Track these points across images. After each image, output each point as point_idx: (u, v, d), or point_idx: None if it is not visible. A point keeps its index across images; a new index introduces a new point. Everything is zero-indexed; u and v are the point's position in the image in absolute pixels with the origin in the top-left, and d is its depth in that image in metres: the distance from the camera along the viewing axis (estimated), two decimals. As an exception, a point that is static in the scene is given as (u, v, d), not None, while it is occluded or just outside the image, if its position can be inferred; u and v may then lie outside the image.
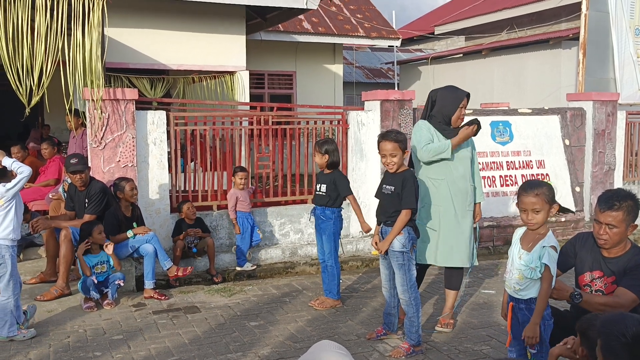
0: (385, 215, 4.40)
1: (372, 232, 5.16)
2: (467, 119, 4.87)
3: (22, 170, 4.62)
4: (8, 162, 4.68)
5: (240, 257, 6.69)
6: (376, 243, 4.45)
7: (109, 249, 5.53)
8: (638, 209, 3.29)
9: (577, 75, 9.58)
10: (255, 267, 6.76)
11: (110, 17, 6.44)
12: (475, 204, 4.96)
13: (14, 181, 4.62)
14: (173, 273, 5.92)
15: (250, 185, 7.00)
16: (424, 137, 4.76)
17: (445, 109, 4.78)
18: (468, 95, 4.84)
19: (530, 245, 3.27)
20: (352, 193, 5.49)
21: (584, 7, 9.35)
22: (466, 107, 4.86)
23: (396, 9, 20.03)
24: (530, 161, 8.16)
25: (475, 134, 4.76)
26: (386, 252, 4.35)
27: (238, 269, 6.68)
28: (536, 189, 3.25)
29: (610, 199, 3.25)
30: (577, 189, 8.41)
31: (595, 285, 3.38)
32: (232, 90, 10.66)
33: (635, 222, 3.29)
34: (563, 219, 8.09)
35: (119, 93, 6.26)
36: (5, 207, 4.59)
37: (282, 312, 5.33)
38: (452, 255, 4.83)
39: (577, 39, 9.91)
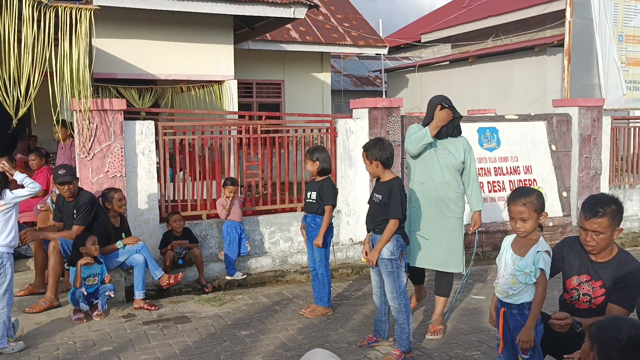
0: (374, 223, 4.42)
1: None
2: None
3: (34, 187, 4.86)
4: (20, 177, 4.86)
5: (229, 266, 6.68)
6: (366, 253, 4.47)
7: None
8: (622, 213, 3.33)
9: (562, 82, 9.69)
10: (245, 276, 6.75)
11: (98, 28, 6.45)
12: (473, 212, 5.04)
13: (23, 191, 4.79)
14: (165, 282, 5.90)
15: (239, 194, 6.99)
16: (411, 132, 4.96)
17: (428, 116, 5.01)
18: (445, 100, 4.97)
19: (523, 250, 3.30)
20: (334, 205, 5.44)
21: (568, 14, 9.47)
22: (452, 115, 4.95)
23: (383, 18, 20.21)
24: (518, 167, 8.23)
25: (451, 119, 4.88)
26: (376, 262, 4.37)
27: (228, 278, 6.67)
28: (524, 197, 3.27)
29: (595, 205, 3.27)
30: (564, 193, 8.48)
31: (583, 289, 3.42)
32: (220, 99, 10.66)
33: (620, 226, 3.32)
34: (550, 224, 8.15)
35: (107, 103, 6.25)
36: (6, 213, 4.64)
37: (273, 320, 5.33)
38: (439, 260, 4.91)
39: (562, 45, 10.02)
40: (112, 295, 5.56)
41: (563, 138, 8.55)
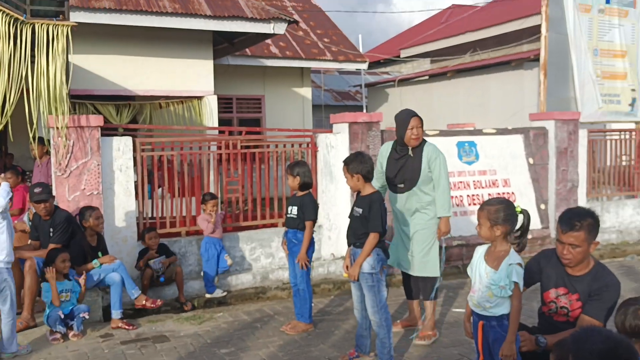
0: (355, 237, 4.41)
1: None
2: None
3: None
4: None
5: (208, 283, 6.60)
6: (347, 267, 4.46)
7: (81, 281, 5.45)
8: (598, 226, 3.36)
9: (539, 95, 9.81)
10: (225, 293, 6.68)
11: (75, 44, 6.41)
12: (438, 218, 5.12)
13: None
14: (141, 302, 5.81)
15: (220, 211, 6.94)
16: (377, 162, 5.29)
17: (398, 131, 5.10)
18: (415, 115, 5.05)
19: (495, 263, 3.31)
20: (315, 220, 5.43)
21: (543, 29, 9.61)
22: (418, 126, 5.04)
23: (362, 33, 20.35)
24: (496, 180, 8.29)
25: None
26: (357, 276, 4.35)
27: (207, 296, 6.60)
28: (484, 205, 3.36)
29: (572, 219, 3.30)
30: (542, 206, 8.56)
31: (560, 302, 3.44)
32: (200, 115, 10.63)
33: (597, 239, 3.35)
34: (530, 236, 8.20)
35: (84, 120, 6.19)
36: None
37: (254, 338, 5.27)
38: (415, 265, 5.10)
39: (538, 60, 10.16)
40: (87, 317, 5.46)
41: (540, 151, 8.65)
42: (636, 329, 2.73)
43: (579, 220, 3.27)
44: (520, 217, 3.36)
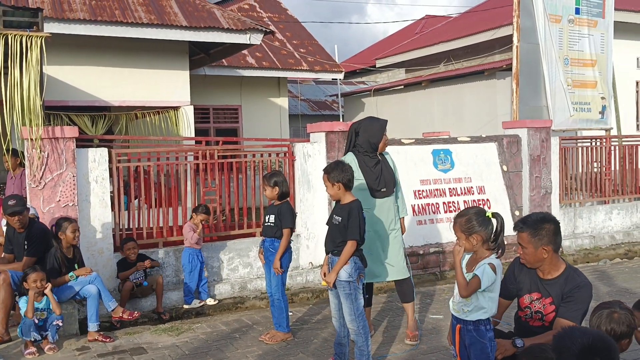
0: (333, 245, 4.44)
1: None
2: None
3: None
4: None
5: (188, 294, 6.58)
6: (324, 274, 4.48)
7: (47, 289, 5.33)
8: (552, 233, 3.43)
9: (511, 104, 9.97)
10: (203, 303, 6.65)
11: (49, 55, 6.36)
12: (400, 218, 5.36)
13: None
14: (118, 314, 5.75)
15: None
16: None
17: (372, 138, 5.19)
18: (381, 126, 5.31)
19: (472, 267, 3.39)
20: (292, 228, 5.43)
21: (515, 39, 9.80)
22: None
23: (338, 43, 20.49)
24: (471, 187, 8.40)
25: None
26: (333, 283, 4.38)
27: (186, 307, 6.57)
28: (456, 219, 3.44)
29: (519, 221, 3.54)
30: (517, 212, 8.69)
31: (535, 306, 3.51)
32: (176, 125, 10.60)
33: (552, 247, 3.42)
34: (505, 242, 8.31)
35: (58, 131, 6.13)
36: None
37: (232, 348, 5.26)
38: (399, 269, 5.21)
39: (511, 69, 10.34)
40: (61, 325, 5.38)
41: (514, 158, 8.79)
42: (612, 333, 2.80)
43: (524, 223, 3.49)
44: (494, 221, 3.42)
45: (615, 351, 2.19)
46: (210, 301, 6.68)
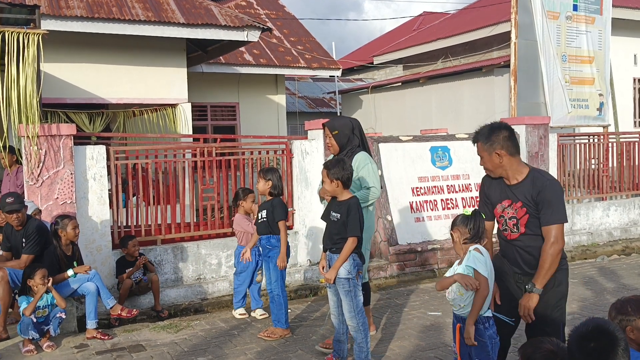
0: (331, 242, 4.44)
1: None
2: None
3: None
4: None
5: (238, 299, 6.12)
6: (323, 267, 4.49)
7: (50, 284, 5.30)
8: (505, 138, 3.57)
9: (509, 101, 9.97)
10: (246, 316, 6.09)
11: (46, 52, 6.34)
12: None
13: None
14: (117, 312, 5.75)
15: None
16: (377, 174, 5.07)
17: (359, 138, 5.13)
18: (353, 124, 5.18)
19: (460, 260, 3.44)
20: (285, 220, 5.45)
21: (513, 36, 9.79)
22: None
23: (335, 40, 20.48)
24: (469, 184, 8.41)
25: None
26: (334, 280, 4.38)
27: (238, 316, 6.07)
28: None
29: (474, 133, 3.74)
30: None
31: (508, 213, 3.60)
32: (174, 122, 10.59)
33: (505, 151, 3.56)
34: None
35: (55, 129, 6.12)
36: None
37: (231, 345, 5.26)
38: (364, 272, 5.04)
39: (508, 66, 10.34)
40: (64, 317, 5.36)
41: (512, 155, 8.78)
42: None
43: (477, 133, 3.69)
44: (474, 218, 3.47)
45: (616, 338, 2.21)
46: (259, 313, 6.06)
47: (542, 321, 3.50)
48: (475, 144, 3.68)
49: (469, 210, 3.45)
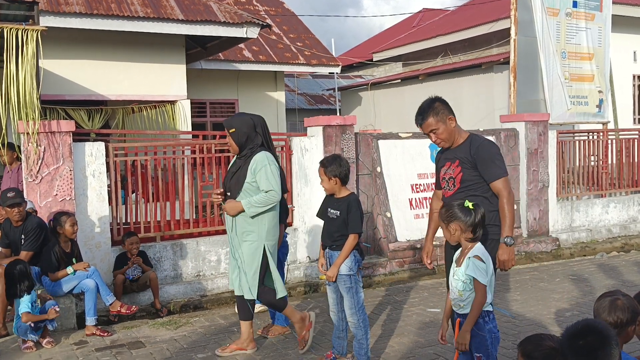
0: (331, 239, 4.44)
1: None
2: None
3: None
4: None
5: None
6: (322, 265, 4.49)
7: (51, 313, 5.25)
8: (445, 105, 3.91)
9: (509, 98, 9.96)
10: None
11: (45, 49, 6.33)
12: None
13: None
14: (116, 308, 5.75)
15: None
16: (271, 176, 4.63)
17: (262, 135, 4.75)
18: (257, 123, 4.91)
19: (461, 261, 3.40)
20: (285, 224, 5.44)
21: (513, 32, 9.78)
22: None
23: (334, 37, 20.48)
24: (469, 181, 8.39)
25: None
26: (335, 278, 4.38)
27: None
28: (441, 207, 3.63)
29: (417, 117, 3.95)
30: (514, 206, 8.70)
31: (448, 174, 3.90)
32: (173, 119, 10.57)
33: (452, 115, 3.86)
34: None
35: (55, 125, 6.11)
36: None
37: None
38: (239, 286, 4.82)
39: (508, 63, 10.33)
40: (58, 309, 5.34)
41: (511, 152, 8.79)
42: (618, 321, 2.80)
43: (422, 114, 3.91)
44: (474, 212, 3.44)
45: (607, 337, 2.23)
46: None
47: None
48: (424, 123, 3.88)
49: (469, 203, 3.42)
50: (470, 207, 3.39)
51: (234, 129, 4.67)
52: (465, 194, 3.71)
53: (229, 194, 4.74)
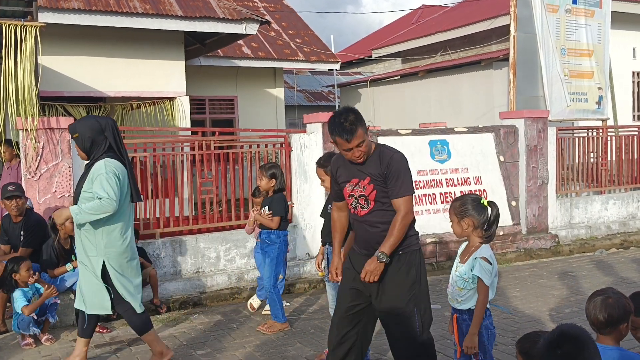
0: (330, 236, 4.43)
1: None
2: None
3: None
4: None
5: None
6: (318, 265, 4.49)
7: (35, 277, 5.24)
8: (361, 116, 3.49)
9: (508, 94, 9.95)
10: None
11: (44, 45, 6.31)
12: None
13: None
14: (115, 305, 5.74)
15: None
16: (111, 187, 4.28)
17: (86, 141, 4.39)
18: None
19: (466, 258, 3.39)
20: (282, 217, 5.40)
21: (512, 29, 9.76)
22: None
23: (333, 33, 20.45)
24: (468, 178, 8.40)
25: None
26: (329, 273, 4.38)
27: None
28: (452, 202, 3.45)
29: (343, 130, 3.41)
30: (513, 203, 8.70)
31: (357, 192, 3.57)
32: (172, 116, 10.56)
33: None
34: (501, 233, 8.34)
35: (54, 122, 6.10)
36: None
37: (230, 338, 5.26)
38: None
39: (507, 59, 10.32)
40: (59, 302, 5.31)
41: (510, 149, 8.79)
42: (609, 318, 2.80)
43: (350, 126, 3.40)
44: (489, 210, 3.42)
45: (583, 342, 2.24)
46: (257, 302, 5.99)
47: (394, 312, 3.48)
48: (355, 136, 3.40)
49: (484, 200, 3.38)
50: (485, 204, 3.37)
51: (77, 134, 4.36)
52: (383, 213, 3.50)
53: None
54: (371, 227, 3.53)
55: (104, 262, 4.35)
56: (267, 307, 5.88)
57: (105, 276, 4.37)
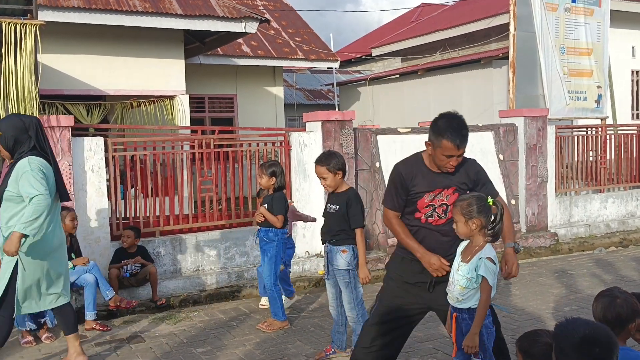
0: (330, 234, 4.45)
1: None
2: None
3: None
4: None
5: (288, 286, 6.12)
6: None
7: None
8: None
9: (508, 93, 9.96)
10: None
11: (44, 43, 6.32)
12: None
13: None
14: (116, 303, 5.76)
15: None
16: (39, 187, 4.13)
17: (8, 140, 4.26)
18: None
19: (468, 258, 3.38)
20: (283, 215, 5.42)
21: (512, 27, 9.77)
22: None
23: (333, 32, 20.46)
24: (468, 176, 8.40)
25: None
26: (329, 271, 4.40)
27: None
28: (457, 202, 3.42)
29: (460, 134, 3.52)
30: (513, 201, 8.71)
31: (438, 201, 3.58)
32: (172, 114, 10.57)
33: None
34: (501, 231, 8.33)
35: (54, 120, 6.10)
36: None
37: (230, 336, 5.27)
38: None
39: (507, 58, 10.32)
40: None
41: (510, 147, 8.80)
42: (618, 318, 2.80)
43: (466, 132, 3.54)
44: (494, 208, 3.41)
45: (616, 344, 2.20)
46: (264, 301, 6.08)
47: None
48: (466, 144, 3.56)
49: (490, 200, 3.37)
50: (490, 203, 3.37)
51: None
52: (452, 223, 3.53)
53: None
54: (444, 236, 3.57)
55: (17, 261, 4.21)
56: (263, 300, 5.91)
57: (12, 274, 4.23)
